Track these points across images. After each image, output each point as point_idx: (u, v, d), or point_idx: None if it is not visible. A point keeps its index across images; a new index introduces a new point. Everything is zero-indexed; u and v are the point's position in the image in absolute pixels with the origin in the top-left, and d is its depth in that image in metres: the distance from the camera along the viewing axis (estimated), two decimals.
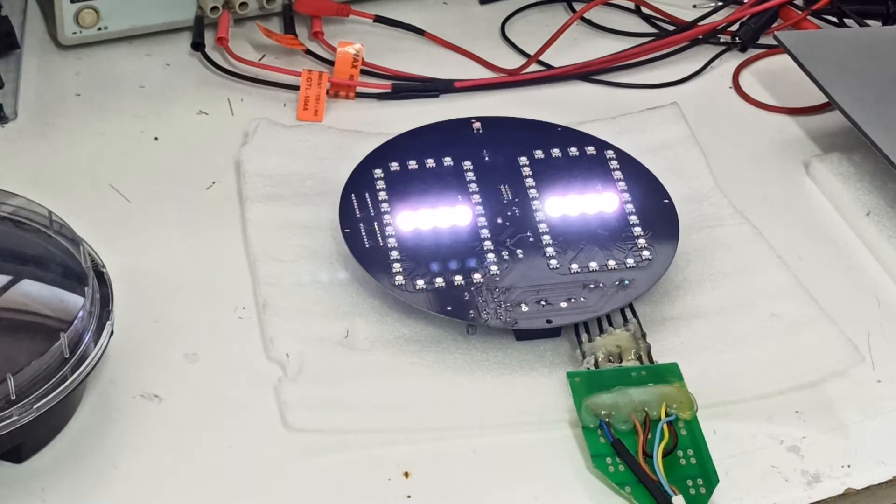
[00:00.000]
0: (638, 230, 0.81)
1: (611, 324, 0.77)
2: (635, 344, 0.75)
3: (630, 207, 0.82)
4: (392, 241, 0.79)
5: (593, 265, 0.79)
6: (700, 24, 1.04)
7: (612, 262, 0.79)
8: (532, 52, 1.00)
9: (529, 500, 0.70)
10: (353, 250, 0.79)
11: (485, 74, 0.99)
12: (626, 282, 0.78)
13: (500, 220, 0.81)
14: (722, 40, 1.04)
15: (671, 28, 1.05)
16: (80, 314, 0.70)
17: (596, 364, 0.74)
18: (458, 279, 0.77)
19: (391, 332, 0.77)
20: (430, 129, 0.88)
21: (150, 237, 0.83)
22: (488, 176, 0.84)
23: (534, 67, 1.00)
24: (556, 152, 0.86)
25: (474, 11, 1.07)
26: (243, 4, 0.99)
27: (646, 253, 0.80)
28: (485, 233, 0.80)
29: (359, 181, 0.83)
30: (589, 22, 1.05)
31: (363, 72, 0.96)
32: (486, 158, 0.86)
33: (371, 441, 0.72)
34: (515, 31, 1.05)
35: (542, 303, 0.77)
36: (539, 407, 0.74)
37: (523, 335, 0.76)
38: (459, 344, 0.77)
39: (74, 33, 0.97)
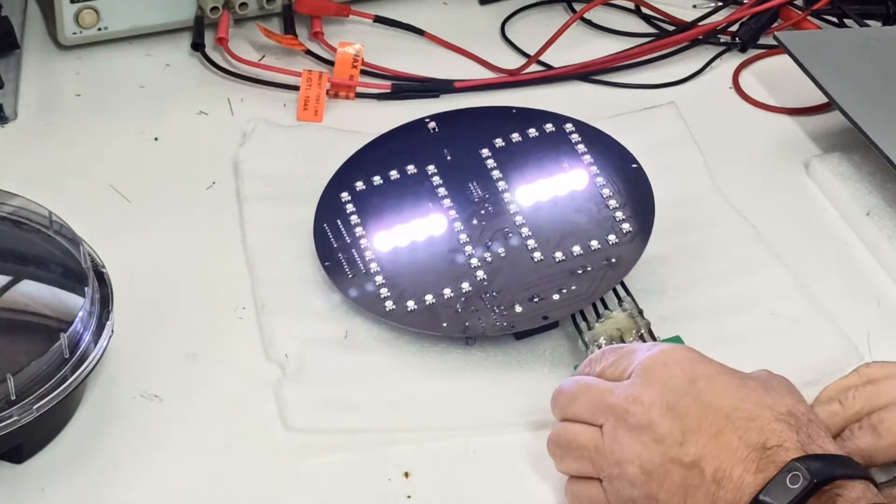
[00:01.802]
0: (613, 203, 0.80)
1: (606, 306, 0.76)
2: (634, 323, 0.75)
3: (600, 181, 0.81)
4: (374, 266, 0.78)
5: (577, 249, 0.78)
6: (700, 24, 1.04)
7: (594, 243, 0.78)
8: (532, 52, 1.00)
9: (529, 500, 0.70)
10: (337, 283, 0.78)
11: (485, 74, 0.99)
12: (613, 260, 0.77)
13: (475, 221, 0.80)
14: (722, 40, 1.04)
15: (671, 28, 1.05)
16: (80, 314, 0.70)
17: None
18: (448, 292, 0.77)
19: (391, 332, 0.77)
20: (387, 137, 0.87)
21: (150, 237, 0.83)
22: (454, 176, 0.83)
23: (534, 67, 1.00)
24: (515, 137, 0.85)
25: (474, 11, 1.07)
26: (243, 4, 0.99)
27: (625, 226, 0.79)
28: (463, 237, 0.79)
29: (328, 208, 0.82)
30: (589, 22, 1.05)
31: (363, 72, 0.97)
32: (448, 158, 0.84)
33: (371, 441, 0.72)
34: (515, 31, 1.05)
35: (535, 299, 0.76)
36: (539, 407, 0.73)
37: (523, 334, 0.76)
38: (459, 344, 0.77)
39: (74, 33, 0.97)
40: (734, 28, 1.04)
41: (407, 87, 0.97)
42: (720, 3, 1.07)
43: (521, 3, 1.07)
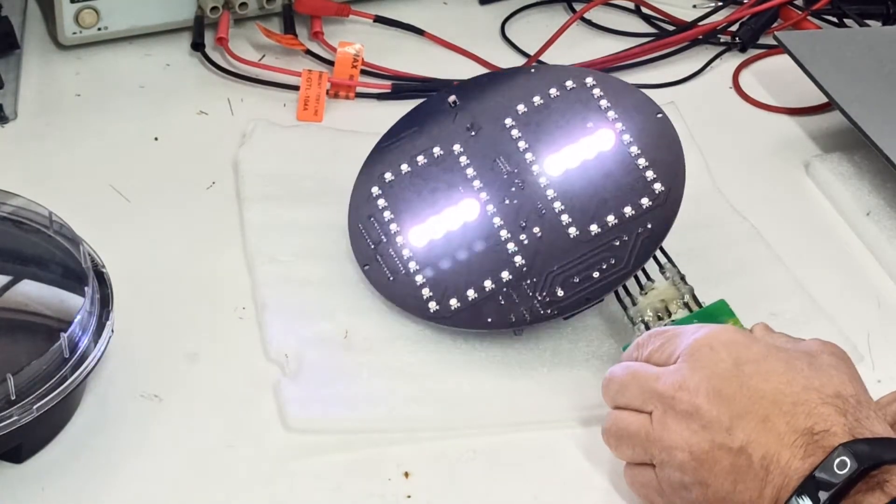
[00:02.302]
0: (643, 162, 0.77)
1: (648, 277, 0.75)
2: (677, 291, 0.74)
3: (627, 138, 0.79)
4: (413, 265, 0.77)
5: (611, 219, 0.76)
6: (700, 24, 1.04)
7: (628, 209, 0.76)
8: (532, 52, 1.00)
9: (529, 500, 0.70)
10: (379, 288, 0.78)
11: None
12: (649, 225, 0.75)
13: (507, 201, 0.79)
14: (722, 40, 1.04)
15: (671, 28, 1.05)
16: (80, 314, 0.70)
17: (647, 327, 0.73)
18: (489, 284, 0.76)
19: (391, 332, 0.77)
20: (409, 120, 0.85)
21: (150, 237, 0.83)
22: (480, 152, 0.81)
23: None
24: (537, 100, 0.82)
25: (474, 11, 1.07)
26: (243, 4, 0.99)
27: (657, 186, 0.77)
28: (497, 221, 0.78)
29: (360, 205, 0.81)
30: (589, 22, 1.05)
31: (363, 72, 0.97)
32: (473, 134, 0.82)
33: (371, 441, 0.72)
34: (515, 31, 1.05)
35: (576, 279, 0.75)
36: (539, 407, 0.74)
37: (570, 315, 0.75)
38: (459, 344, 0.77)
39: (74, 33, 0.97)
40: (734, 28, 1.04)
41: (407, 87, 0.97)
42: (720, 3, 1.07)
43: (521, 3, 1.07)
